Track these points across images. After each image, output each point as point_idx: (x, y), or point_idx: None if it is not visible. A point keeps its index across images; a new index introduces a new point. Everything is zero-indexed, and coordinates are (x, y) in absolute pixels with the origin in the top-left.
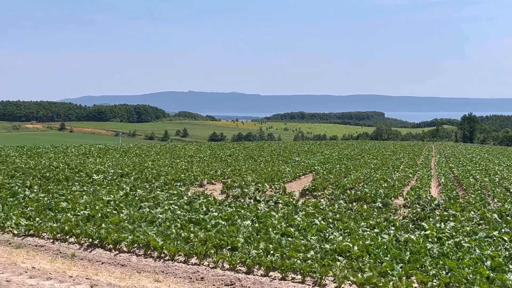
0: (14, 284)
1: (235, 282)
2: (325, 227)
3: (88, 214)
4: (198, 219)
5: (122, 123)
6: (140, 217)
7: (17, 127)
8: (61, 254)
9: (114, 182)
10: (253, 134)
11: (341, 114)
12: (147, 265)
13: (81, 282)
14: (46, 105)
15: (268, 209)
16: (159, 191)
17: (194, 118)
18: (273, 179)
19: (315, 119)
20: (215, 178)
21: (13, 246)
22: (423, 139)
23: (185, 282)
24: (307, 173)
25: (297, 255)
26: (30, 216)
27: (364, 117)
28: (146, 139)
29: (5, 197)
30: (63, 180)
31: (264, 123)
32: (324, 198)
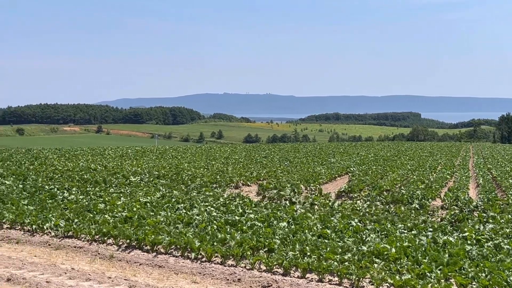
0: (53, 285)
1: (272, 284)
2: (362, 229)
3: (125, 216)
4: (234, 220)
5: (158, 125)
6: (177, 219)
7: (55, 130)
8: (99, 255)
9: (151, 184)
10: (287, 136)
11: (376, 115)
12: (184, 266)
13: (120, 283)
14: (83, 107)
15: (304, 210)
16: (195, 192)
17: (229, 120)
18: (308, 181)
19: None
20: (250, 180)
21: (53, 247)
22: (461, 139)
23: (222, 283)
24: (342, 175)
25: (334, 257)
26: (69, 218)
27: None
28: (182, 141)
29: (44, 199)
30: (101, 182)
31: (298, 124)
32: (361, 200)
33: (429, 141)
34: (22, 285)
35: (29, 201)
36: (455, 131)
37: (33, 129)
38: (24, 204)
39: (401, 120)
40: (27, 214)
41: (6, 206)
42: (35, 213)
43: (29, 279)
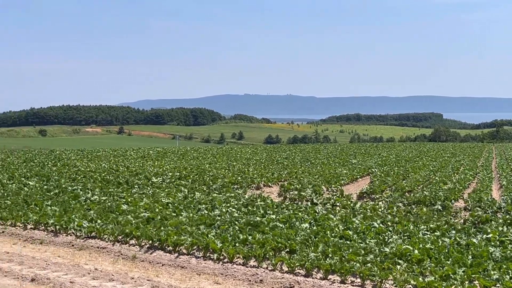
0: (77, 285)
1: (294, 285)
2: (384, 230)
3: (148, 217)
4: (256, 221)
5: (179, 126)
6: (199, 220)
7: (77, 131)
8: (122, 256)
9: (173, 185)
10: (308, 137)
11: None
12: (206, 267)
13: (143, 283)
14: (105, 109)
15: (325, 211)
16: (216, 193)
17: (249, 121)
18: (330, 182)
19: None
20: (271, 181)
21: (76, 248)
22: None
23: (244, 284)
24: (364, 176)
25: (356, 258)
26: (92, 219)
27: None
28: (203, 142)
29: (67, 200)
30: (123, 183)
31: (319, 125)
32: (383, 201)
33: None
34: (46, 285)
35: (52, 202)
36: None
37: (56, 130)
38: (48, 205)
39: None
40: (51, 215)
41: (30, 207)
42: (58, 214)
43: (53, 279)
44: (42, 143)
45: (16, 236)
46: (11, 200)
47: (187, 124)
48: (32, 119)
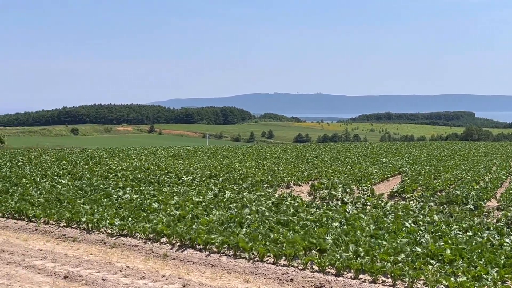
0: (109, 283)
1: (325, 284)
2: (415, 230)
3: (179, 215)
4: (286, 220)
5: (209, 125)
6: (229, 218)
7: (108, 130)
8: (153, 254)
9: (203, 183)
10: (338, 136)
11: (429, 114)
12: (237, 265)
13: (174, 281)
14: (136, 108)
15: (356, 211)
16: (247, 192)
17: (279, 119)
18: (360, 181)
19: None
20: (301, 180)
21: (108, 246)
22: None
23: (274, 283)
24: (395, 175)
25: (388, 258)
26: (123, 217)
27: (453, 117)
28: (232, 141)
29: (99, 198)
30: (154, 181)
31: (349, 124)
32: (414, 200)
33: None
34: (79, 282)
35: (84, 200)
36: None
37: (87, 129)
38: (80, 203)
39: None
40: (83, 213)
41: (63, 205)
42: (90, 212)
43: (85, 277)
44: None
45: (49, 234)
46: (44, 198)
47: (217, 123)
48: (64, 118)
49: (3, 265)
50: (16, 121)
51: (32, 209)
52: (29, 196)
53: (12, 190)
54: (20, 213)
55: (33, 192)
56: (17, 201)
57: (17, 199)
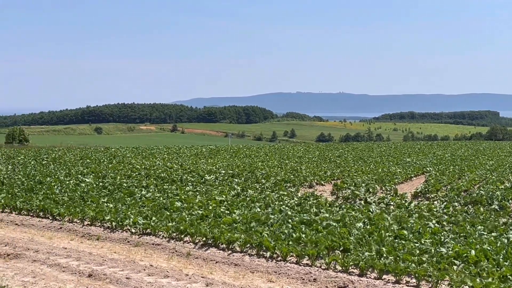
0: (133, 281)
1: (348, 284)
2: (439, 230)
3: (201, 214)
4: (309, 220)
5: (231, 124)
6: (252, 218)
7: (131, 129)
8: (177, 252)
9: (226, 183)
10: (361, 135)
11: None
12: (259, 265)
13: (197, 280)
14: (159, 107)
15: (379, 211)
16: (269, 191)
17: (301, 118)
18: (383, 181)
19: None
20: (324, 179)
21: (132, 244)
22: None
23: (297, 283)
24: (419, 175)
25: (411, 258)
26: (147, 215)
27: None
28: (255, 140)
29: (123, 197)
30: (177, 180)
31: (372, 123)
32: (438, 201)
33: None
34: (103, 281)
35: (108, 199)
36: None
37: (111, 128)
38: (104, 202)
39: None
40: (107, 211)
41: (87, 204)
42: (114, 211)
43: (109, 275)
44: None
45: (74, 232)
46: (68, 196)
47: (239, 122)
48: (88, 117)
49: (28, 263)
50: (40, 120)
51: (57, 208)
52: (54, 194)
53: (37, 188)
54: (45, 211)
55: (58, 191)
56: (42, 199)
57: (42, 198)
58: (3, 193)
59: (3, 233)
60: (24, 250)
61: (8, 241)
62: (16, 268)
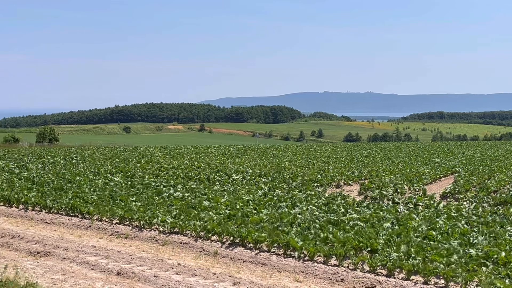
0: (161, 279)
1: (376, 285)
2: (468, 231)
3: (229, 213)
4: (336, 220)
5: (258, 124)
6: (279, 217)
7: (160, 128)
8: (204, 251)
9: (253, 182)
10: (389, 135)
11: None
12: (287, 264)
13: (225, 279)
14: (186, 107)
15: (408, 211)
16: (296, 191)
17: (329, 118)
18: (412, 181)
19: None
20: (352, 179)
21: (160, 243)
22: None
23: (325, 283)
24: (447, 175)
25: (440, 259)
26: (175, 214)
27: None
28: (282, 140)
29: (151, 196)
30: (204, 180)
31: (400, 123)
32: (467, 201)
33: None
34: (131, 279)
35: (136, 198)
36: None
37: (139, 128)
38: (132, 201)
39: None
40: (135, 210)
41: (116, 203)
42: (142, 209)
43: (138, 274)
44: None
45: (102, 231)
46: (97, 195)
47: (266, 122)
48: (116, 116)
49: (58, 260)
50: (70, 119)
51: (86, 206)
52: (83, 193)
53: (67, 187)
54: (74, 209)
55: (87, 189)
56: (71, 198)
57: (71, 196)
58: (33, 192)
59: (33, 231)
60: (54, 248)
61: (38, 239)
62: (46, 266)
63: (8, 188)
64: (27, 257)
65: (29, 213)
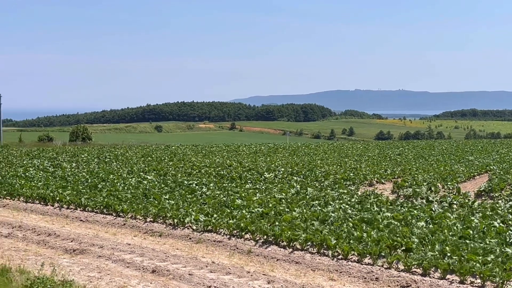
0: (196, 278)
1: (411, 284)
2: (505, 229)
3: (262, 212)
4: (370, 218)
5: (289, 122)
6: (312, 216)
7: (191, 127)
8: (238, 250)
9: (285, 180)
10: (421, 133)
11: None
12: (320, 263)
13: (259, 277)
14: (217, 105)
15: (442, 210)
16: (329, 189)
17: (360, 116)
18: (445, 179)
19: (488, 116)
20: (384, 178)
21: (193, 241)
22: None
23: (359, 281)
24: (482, 173)
25: (476, 258)
26: (208, 213)
27: None
28: (313, 138)
29: (184, 194)
30: (236, 178)
31: (433, 121)
32: (502, 200)
33: None
34: (166, 277)
35: (170, 196)
36: None
37: (171, 126)
38: (166, 199)
39: None
40: (169, 208)
41: (149, 201)
42: (176, 208)
43: (172, 271)
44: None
45: (137, 229)
46: (131, 193)
47: (297, 120)
48: (148, 115)
49: (93, 258)
50: (102, 118)
51: (120, 204)
52: (117, 191)
53: (101, 185)
54: (108, 208)
55: (121, 188)
56: (106, 196)
57: (106, 195)
58: (68, 190)
59: (69, 229)
60: (89, 246)
61: (74, 237)
62: (82, 264)
63: (43, 187)
64: (63, 254)
65: (64, 211)
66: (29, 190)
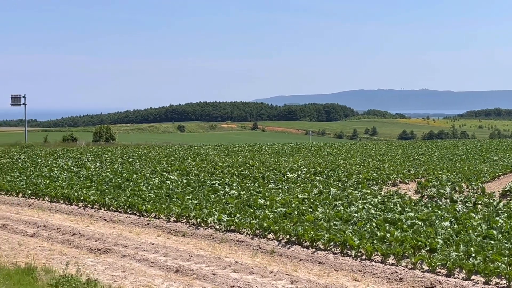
0: (219, 277)
1: (436, 285)
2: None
3: (285, 211)
4: (393, 218)
5: (311, 122)
6: (335, 216)
7: (213, 127)
8: (261, 249)
9: (308, 180)
10: (445, 132)
11: None
12: (344, 263)
13: (282, 277)
14: (240, 105)
15: (466, 210)
16: (352, 189)
17: (383, 116)
18: (470, 179)
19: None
20: (408, 177)
21: (216, 241)
22: None
23: (383, 282)
24: (507, 173)
25: (501, 259)
26: (230, 212)
27: None
28: (335, 138)
29: (207, 194)
30: (259, 178)
31: (457, 120)
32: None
33: None
34: (189, 276)
35: (193, 196)
36: None
37: (193, 126)
38: (189, 199)
39: None
40: (192, 208)
41: (173, 200)
42: (199, 207)
43: (196, 271)
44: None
45: (160, 228)
46: (154, 193)
47: (319, 120)
48: (171, 115)
49: (118, 258)
50: (125, 118)
51: (143, 204)
52: (141, 191)
53: (124, 185)
54: (132, 207)
55: (144, 188)
56: (129, 196)
57: (129, 194)
58: (92, 190)
59: (93, 229)
60: (114, 245)
61: (98, 237)
62: (106, 263)
63: (67, 186)
64: (87, 254)
65: (88, 210)
66: (54, 190)
